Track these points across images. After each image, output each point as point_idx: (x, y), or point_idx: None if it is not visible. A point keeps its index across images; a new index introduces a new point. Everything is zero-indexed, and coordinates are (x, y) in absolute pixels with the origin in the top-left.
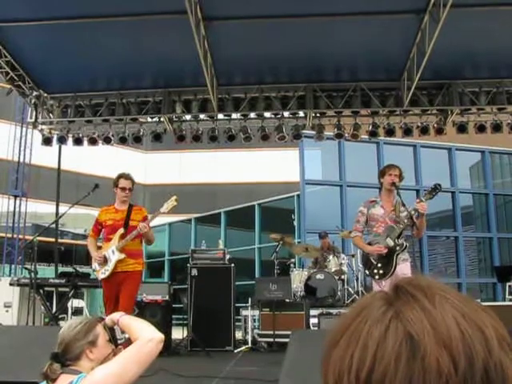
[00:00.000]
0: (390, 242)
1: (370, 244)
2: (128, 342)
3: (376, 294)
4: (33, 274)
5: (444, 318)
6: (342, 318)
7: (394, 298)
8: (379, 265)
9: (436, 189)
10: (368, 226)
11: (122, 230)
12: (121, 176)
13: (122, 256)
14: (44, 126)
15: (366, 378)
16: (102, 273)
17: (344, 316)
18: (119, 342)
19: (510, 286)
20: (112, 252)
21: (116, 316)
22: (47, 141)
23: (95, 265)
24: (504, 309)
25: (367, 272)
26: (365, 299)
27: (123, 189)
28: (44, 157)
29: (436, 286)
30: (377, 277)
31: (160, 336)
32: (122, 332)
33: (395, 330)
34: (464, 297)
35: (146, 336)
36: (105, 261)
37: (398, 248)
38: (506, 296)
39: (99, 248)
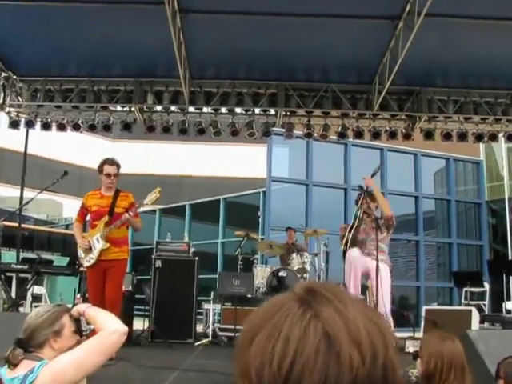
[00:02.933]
0: None
1: None
2: (92, 334)
3: (289, 295)
4: None
5: (355, 320)
6: (257, 315)
7: (310, 300)
8: None
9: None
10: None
11: (106, 218)
12: (105, 162)
13: (107, 245)
14: (12, 109)
15: (288, 370)
16: (86, 260)
17: (259, 313)
18: (84, 333)
19: (466, 291)
20: (97, 240)
21: (82, 307)
22: (14, 124)
23: (80, 252)
24: (459, 312)
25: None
26: (279, 299)
27: (108, 175)
28: (9, 140)
29: (344, 293)
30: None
31: (124, 328)
32: (88, 323)
33: (314, 328)
34: (368, 305)
35: (110, 327)
36: (90, 248)
37: None
38: (462, 301)
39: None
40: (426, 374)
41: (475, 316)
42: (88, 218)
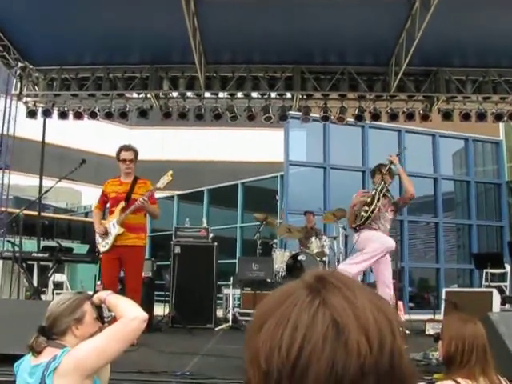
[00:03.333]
0: None
1: None
2: (114, 321)
3: (299, 283)
4: (18, 248)
5: (363, 308)
6: (266, 303)
7: (319, 287)
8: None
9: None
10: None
11: (123, 204)
12: (121, 148)
13: (122, 230)
14: (29, 99)
15: (296, 356)
16: (102, 246)
17: (269, 301)
18: (105, 320)
19: (486, 272)
20: (113, 225)
21: (103, 295)
22: (32, 113)
23: (97, 237)
24: (480, 294)
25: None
26: (288, 287)
27: (124, 161)
28: (28, 129)
29: (353, 281)
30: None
31: (144, 315)
32: (109, 310)
33: (323, 315)
34: (375, 293)
35: (130, 314)
36: (105, 234)
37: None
38: (483, 283)
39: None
40: (447, 356)
41: (496, 298)
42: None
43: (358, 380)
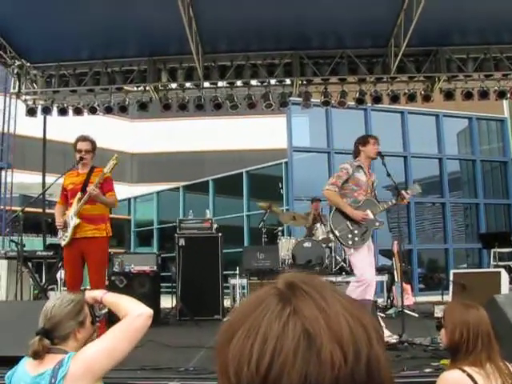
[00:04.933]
0: (371, 215)
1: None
2: (105, 319)
3: (270, 290)
4: (20, 247)
5: (336, 316)
6: (237, 311)
7: (289, 295)
8: (355, 231)
9: (416, 190)
10: (346, 189)
11: (79, 194)
12: (77, 139)
13: (78, 221)
14: (28, 97)
15: (266, 369)
16: (62, 239)
17: (239, 309)
18: (97, 319)
19: (494, 252)
20: (71, 217)
21: (98, 294)
22: (31, 111)
23: (59, 231)
24: (488, 274)
25: (337, 233)
26: (259, 294)
27: (79, 151)
28: (29, 127)
29: (327, 286)
30: (350, 242)
31: (149, 311)
32: (100, 309)
33: (294, 325)
34: (349, 297)
35: (135, 312)
36: (65, 227)
37: (377, 224)
38: (491, 262)
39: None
40: (451, 344)
41: (504, 277)
42: None
43: None
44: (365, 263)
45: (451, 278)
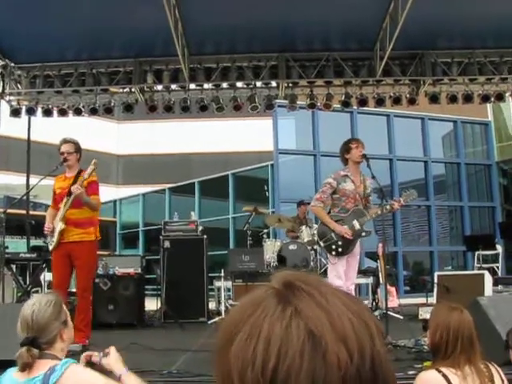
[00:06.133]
0: (357, 225)
1: (335, 221)
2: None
3: (267, 291)
4: (2, 249)
5: (339, 315)
6: (234, 314)
7: (289, 295)
8: (339, 243)
9: (413, 195)
10: (335, 200)
11: (66, 199)
12: (60, 142)
13: (63, 226)
14: (12, 97)
15: (273, 372)
16: (50, 244)
17: (236, 312)
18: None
19: (478, 254)
20: (57, 223)
21: (118, 370)
22: (15, 112)
23: (48, 236)
24: (472, 277)
25: (322, 244)
26: (255, 296)
27: (62, 153)
28: (13, 128)
29: (325, 284)
30: (333, 253)
31: None
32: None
33: (297, 326)
34: (348, 294)
35: None
36: (53, 231)
37: (363, 234)
38: (475, 264)
39: None
40: (432, 345)
41: (488, 280)
42: None
43: None
44: (341, 271)
45: (435, 279)
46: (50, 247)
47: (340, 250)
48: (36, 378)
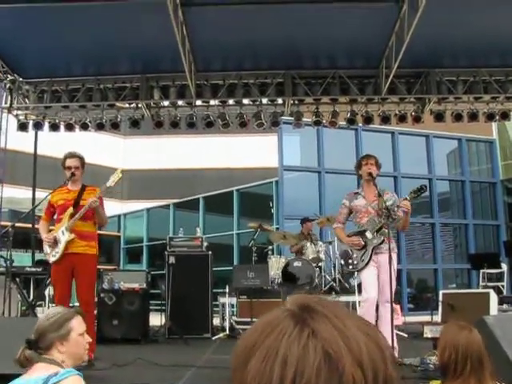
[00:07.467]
0: (369, 235)
1: (349, 236)
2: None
3: (284, 312)
4: (8, 263)
5: (354, 337)
6: (250, 335)
7: (306, 317)
8: (354, 255)
9: (421, 189)
10: (354, 217)
11: (71, 210)
12: (66, 156)
13: (72, 236)
14: (19, 112)
15: None
16: (52, 255)
17: (252, 333)
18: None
19: (483, 272)
20: (62, 233)
21: None
22: (23, 126)
23: (46, 248)
24: (477, 295)
25: (342, 262)
26: (271, 317)
27: (68, 168)
28: (20, 142)
29: (340, 307)
30: (350, 267)
31: None
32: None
33: (314, 348)
34: (361, 318)
35: None
36: (55, 243)
37: (375, 241)
38: (480, 283)
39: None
40: (442, 364)
41: (493, 298)
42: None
43: None
44: (366, 283)
45: (440, 298)
46: (53, 259)
47: (355, 262)
48: (39, 378)
